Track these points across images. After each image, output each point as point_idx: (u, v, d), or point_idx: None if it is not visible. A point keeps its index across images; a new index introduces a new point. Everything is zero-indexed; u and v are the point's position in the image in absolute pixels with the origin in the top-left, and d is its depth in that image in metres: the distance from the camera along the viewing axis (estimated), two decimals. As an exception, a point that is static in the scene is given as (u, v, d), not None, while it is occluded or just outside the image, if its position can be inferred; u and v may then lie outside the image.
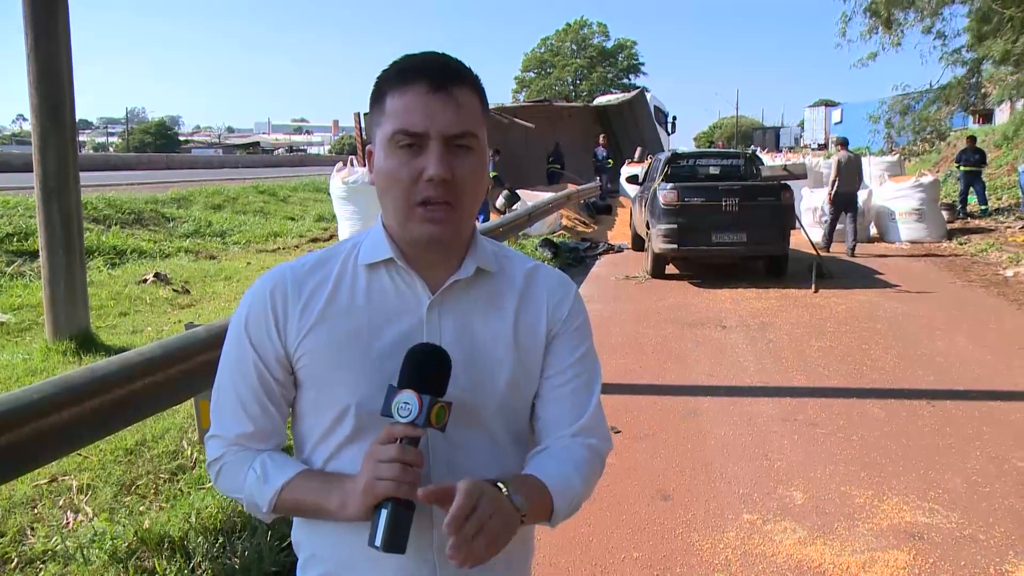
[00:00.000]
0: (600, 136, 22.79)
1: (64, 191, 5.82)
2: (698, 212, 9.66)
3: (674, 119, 34.38)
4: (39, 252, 6.04)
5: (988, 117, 33.69)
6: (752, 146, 46.45)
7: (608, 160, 21.63)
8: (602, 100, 31.33)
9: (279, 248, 12.64)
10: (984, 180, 16.62)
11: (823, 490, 3.81)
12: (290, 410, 1.21)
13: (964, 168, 16.08)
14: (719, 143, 55.10)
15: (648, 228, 10.38)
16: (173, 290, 8.52)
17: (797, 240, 10.57)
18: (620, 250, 13.18)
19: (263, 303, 1.15)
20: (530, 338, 1.20)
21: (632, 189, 13.86)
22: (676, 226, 9.64)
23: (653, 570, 3.12)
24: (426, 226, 1.10)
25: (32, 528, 3.19)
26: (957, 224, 14.76)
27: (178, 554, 2.94)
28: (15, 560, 2.93)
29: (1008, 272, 10.15)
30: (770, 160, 23.34)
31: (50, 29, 5.67)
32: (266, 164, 47.27)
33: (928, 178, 13.78)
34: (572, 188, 17.63)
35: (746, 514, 3.58)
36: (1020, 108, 22.94)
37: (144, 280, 8.80)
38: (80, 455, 3.79)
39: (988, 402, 5.10)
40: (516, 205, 13.27)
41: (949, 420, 4.77)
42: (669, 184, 10.08)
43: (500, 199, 13.10)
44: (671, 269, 10.48)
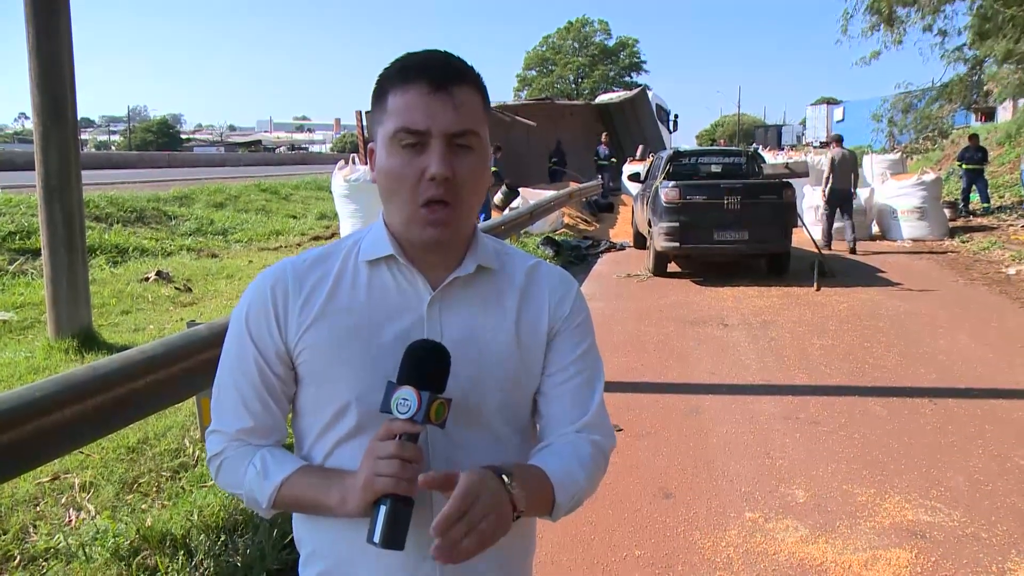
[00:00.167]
0: (602, 134, 22.77)
1: (66, 189, 5.82)
2: (700, 210, 9.66)
3: (676, 117, 34.34)
4: (41, 250, 6.04)
5: (990, 115, 33.64)
6: (754, 144, 46.43)
7: (611, 158, 21.62)
8: (604, 98, 31.30)
9: (281, 246, 12.63)
10: (986, 178, 16.60)
11: (825, 488, 3.81)
12: (291, 406, 1.21)
13: (967, 166, 16.06)
14: (721, 141, 55.07)
15: (650, 226, 10.38)
16: (175, 288, 8.53)
17: (799, 238, 10.56)
18: (622, 248, 13.18)
19: (264, 299, 1.16)
20: (531, 335, 1.20)
21: (634, 187, 13.86)
22: (678, 224, 9.64)
23: (655, 568, 3.12)
24: (428, 229, 1.10)
25: (34, 526, 3.19)
26: (959, 222, 14.74)
27: (180, 552, 2.95)
28: (18, 558, 2.94)
29: (1010, 270, 10.13)
30: (772, 158, 23.35)
31: (51, 27, 5.67)
32: (268, 162, 47.31)
33: (930, 176, 13.77)
34: (574, 186, 17.62)
35: (748, 512, 3.58)
36: (1023, 107, 22.91)
37: (146, 278, 8.80)
38: (82, 453, 3.80)
39: (990, 400, 5.09)
40: (516, 203, 13.19)
41: (951, 418, 4.77)
42: (671, 182, 10.08)
43: (498, 195, 13.07)
44: (673, 267, 10.48)
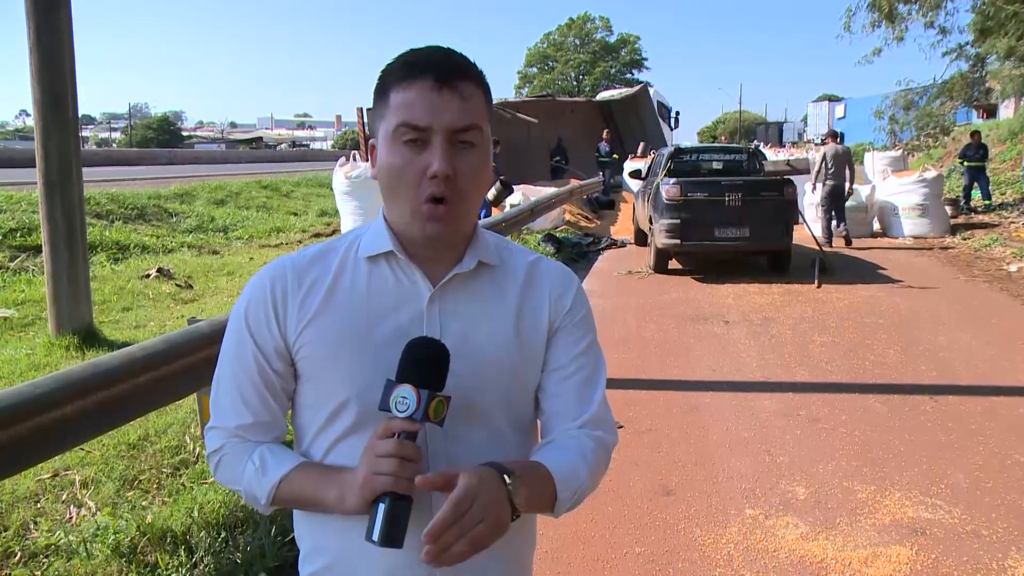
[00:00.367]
0: (603, 131, 22.73)
1: (67, 186, 5.82)
2: (701, 207, 9.65)
3: (677, 114, 34.29)
4: (42, 247, 6.04)
5: (992, 112, 33.62)
6: (755, 141, 46.39)
7: (612, 155, 21.58)
8: (605, 95, 31.27)
9: (282, 243, 12.63)
10: (988, 175, 16.58)
11: (825, 485, 3.81)
12: (290, 403, 1.21)
13: (968, 163, 16.04)
14: (723, 138, 55.03)
15: (651, 223, 10.37)
16: (176, 285, 8.53)
17: (800, 235, 10.55)
18: (623, 245, 13.17)
19: (263, 295, 1.15)
20: (532, 331, 1.19)
21: (635, 184, 13.84)
22: (679, 221, 9.63)
23: (655, 565, 3.12)
24: (430, 225, 1.10)
25: (35, 522, 3.19)
26: (960, 219, 14.72)
27: (180, 549, 2.95)
28: (18, 554, 2.94)
29: (1012, 267, 10.12)
30: (773, 155, 23.34)
31: (52, 23, 5.67)
32: (269, 159, 47.32)
33: (931, 173, 13.75)
34: (575, 183, 17.60)
35: (748, 509, 3.58)
36: None
37: (147, 275, 8.80)
38: (83, 450, 3.80)
39: (991, 397, 5.09)
40: (515, 199, 13.00)
41: (952, 415, 4.77)
42: (672, 179, 10.07)
43: (491, 191, 12.89)
44: (674, 264, 10.48)
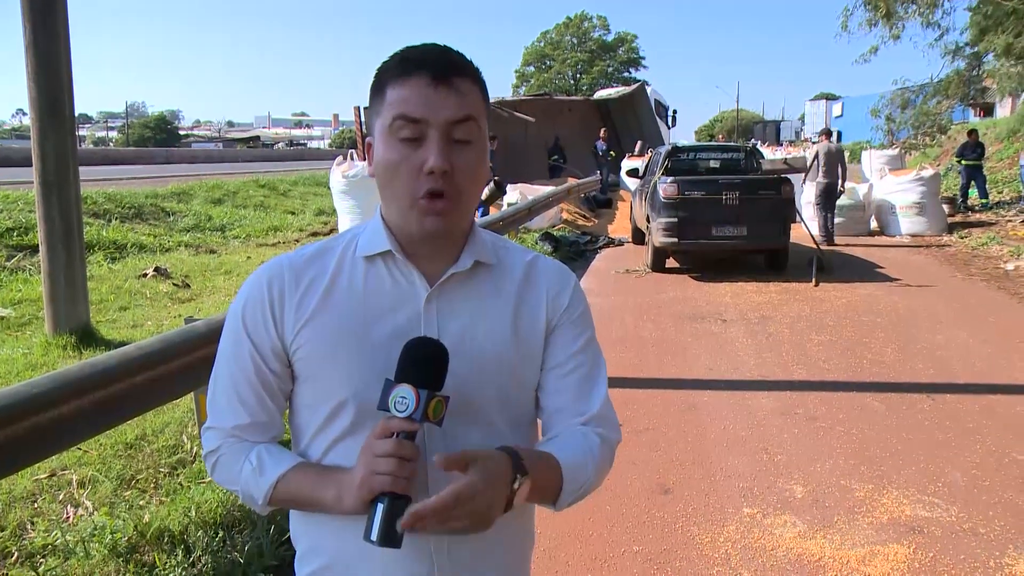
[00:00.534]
0: (601, 130, 22.73)
1: (63, 185, 5.81)
2: (698, 206, 9.65)
3: (675, 113, 34.28)
4: (39, 247, 6.03)
5: (989, 111, 33.68)
6: (752, 140, 46.45)
7: (610, 152, 21.57)
8: (602, 94, 31.26)
9: (279, 242, 12.62)
10: (985, 174, 16.60)
11: (823, 484, 3.81)
12: (287, 403, 1.20)
13: (965, 162, 16.06)
14: (720, 136, 55.08)
15: (648, 222, 10.38)
16: (173, 284, 8.52)
17: (797, 234, 10.56)
18: (620, 244, 13.17)
19: (260, 295, 1.14)
20: (530, 329, 1.19)
21: (632, 183, 13.84)
22: (676, 220, 9.63)
23: (653, 564, 3.12)
24: (426, 219, 1.09)
25: (32, 522, 3.19)
26: (958, 218, 14.76)
27: (178, 548, 2.95)
28: (15, 554, 2.93)
29: (1009, 266, 10.13)
30: (771, 154, 23.39)
31: (48, 22, 5.65)
32: (266, 158, 47.35)
33: (929, 172, 13.77)
34: (572, 182, 17.60)
35: (746, 508, 3.58)
36: (1023, 103, 22.89)
37: (144, 274, 8.79)
38: (80, 449, 3.79)
39: (988, 396, 5.10)
40: (508, 199, 12.93)
41: (949, 414, 4.77)
42: (669, 178, 10.06)
43: (485, 191, 12.84)
44: (671, 263, 10.48)
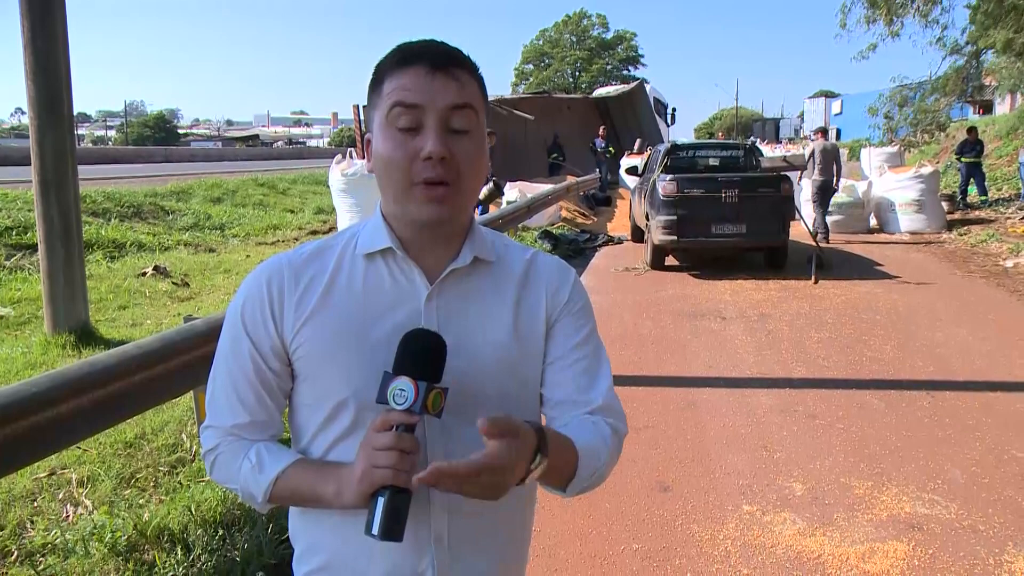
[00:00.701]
0: (600, 127, 22.73)
1: (62, 184, 5.81)
2: (698, 203, 9.65)
3: (674, 110, 34.32)
4: (38, 246, 6.03)
5: (988, 108, 33.69)
6: (752, 137, 46.48)
7: (609, 149, 21.54)
8: (601, 91, 31.27)
9: (278, 241, 12.63)
10: (984, 171, 16.60)
11: (822, 481, 3.82)
12: (287, 401, 1.20)
13: (965, 159, 16.06)
14: (720, 134, 55.09)
15: (648, 220, 10.37)
16: (172, 283, 8.52)
17: (796, 231, 10.56)
18: (620, 242, 13.17)
19: (259, 293, 1.14)
20: (530, 326, 1.19)
21: (632, 181, 13.84)
22: (676, 217, 9.63)
23: (652, 561, 3.12)
24: (425, 206, 1.08)
25: (32, 521, 3.19)
26: (957, 215, 14.75)
27: (178, 547, 2.95)
28: (15, 553, 2.94)
29: (1008, 263, 10.13)
30: (770, 151, 23.38)
31: (47, 21, 5.65)
32: (265, 157, 47.31)
33: (928, 169, 13.77)
34: (571, 180, 17.60)
35: (745, 505, 3.58)
36: (1022, 100, 22.89)
37: (143, 273, 8.79)
38: (79, 448, 3.79)
39: (988, 393, 5.10)
40: (508, 200, 12.90)
41: (948, 411, 4.77)
42: (669, 175, 10.05)
43: (483, 191, 12.82)
44: (671, 260, 10.48)
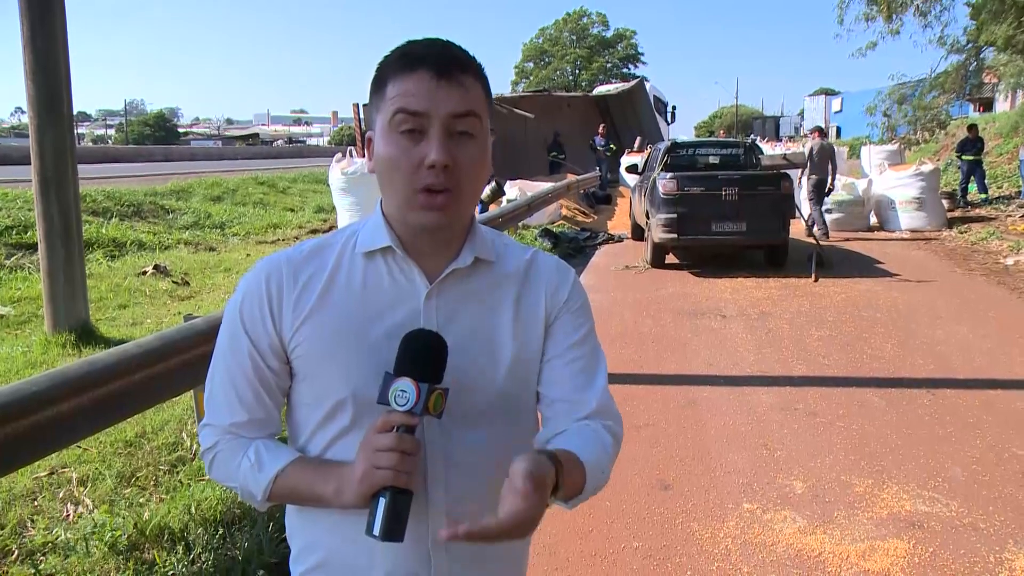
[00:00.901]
0: (600, 126, 22.72)
1: (62, 183, 5.81)
2: (698, 201, 9.64)
3: (674, 109, 34.30)
4: (38, 245, 6.03)
5: (989, 106, 33.66)
6: (752, 135, 46.46)
7: (610, 146, 21.52)
8: (601, 90, 31.26)
9: (278, 239, 12.63)
10: (984, 169, 16.58)
11: (823, 479, 3.82)
12: (284, 399, 1.20)
13: (965, 157, 16.04)
14: (721, 132, 55.05)
15: (648, 218, 10.37)
16: (173, 282, 8.52)
17: (797, 229, 10.56)
18: (620, 240, 13.16)
19: (258, 291, 1.13)
20: (529, 326, 1.19)
21: (632, 179, 13.84)
22: (676, 215, 9.63)
23: (653, 560, 3.12)
24: (426, 212, 1.08)
25: (32, 520, 3.19)
26: (957, 213, 14.74)
27: (178, 545, 2.95)
28: (15, 552, 2.94)
29: (1008, 260, 10.13)
30: (770, 149, 23.36)
31: (46, 21, 5.64)
32: (265, 155, 47.25)
33: (928, 167, 13.76)
34: (572, 178, 17.60)
35: (746, 503, 3.58)
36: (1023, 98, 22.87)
37: (143, 272, 8.79)
38: (80, 447, 3.79)
39: (988, 391, 5.10)
40: (508, 198, 12.92)
41: (949, 409, 4.77)
42: (669, 173, 10.05)
43: (486, 191, 12.81)
44: (671, 259, 10.48)
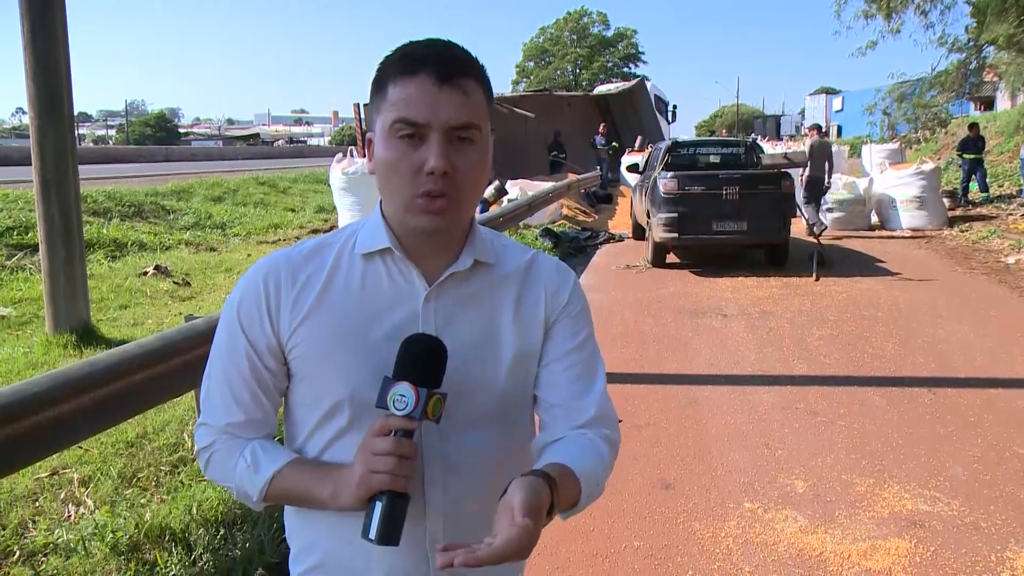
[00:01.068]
0: (600, 125, 22.71)
1: (63, 184, 5.81)
2: (698, 201, 9.64)
3: (674, 108, 34.28)
4: (39, 245, 6.03)
5: (990, 104, 33.62)
6: (752, 134, 46.43)
7: (612, 144, 21.48)
8: (602, 89, 31.23)
9: (279, 240, 12.63)
10: (985, 167, 16.57)
11: (824, 478, 3.81)
12: (281, 400, 1.19)
13: (966, 155, 16.03)
14: (723, 132, 55.00)
15: (649, 217, 10.37)
16: (174, 282, 8.52)
17: (797, 228, 10.55)
18: (621, 239, 13.16)
19: (256, 291, 1.13)
20: (529, 327, 1.18)
21: (633, 178, 13.84)
22: (677, 215, 9.63)
23: (654, 559, 3.12)
24: (425, 217, 1.08)
25: (33, 521, 3.19)
26: (958, 212, 14.73)
27: (179, 546, 2.95)
28: (17, 553, 2.94)
29: (1009, 259, 10.12)
30: (771, 148, 23.36)
31: (47, 21, 5.64)
32: (266, 156, 47.28)
33: (929, 166, 13.76)
34: (572, 178, 17.60)
35: (747, 503, 3.58)
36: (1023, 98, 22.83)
37: (144, 273, 8.79)
38: (81, 448, 3.79)
39: (989, 390, 5.09)
40: (509, 198, 12.97)
41: (950, 408, 4.77)
42: (669, 173, 10.06)
43: (489, 190, 12.83)
44: (672, 258, 10.47)
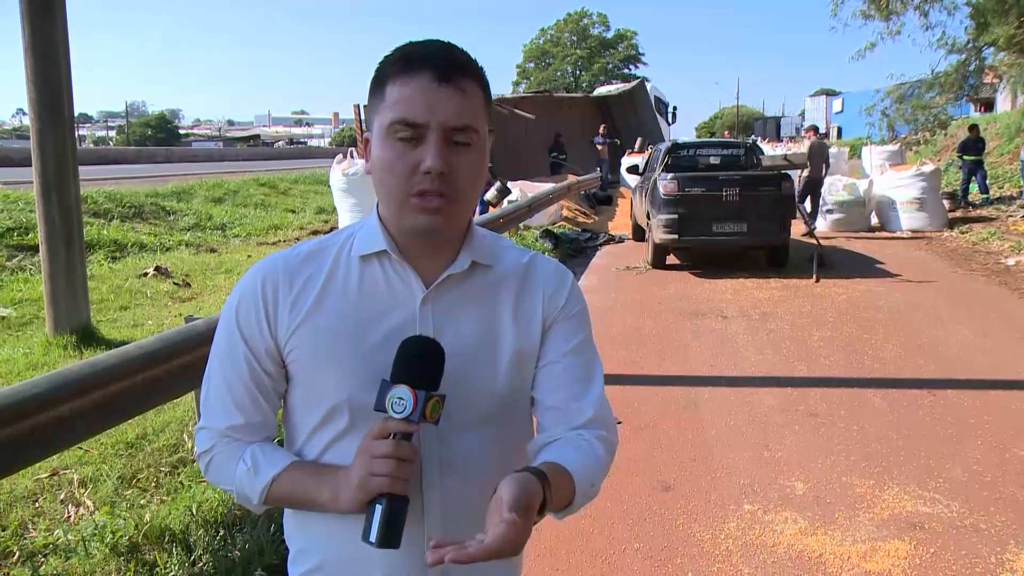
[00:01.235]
0: (600, 126, 22.73)
1: (63, 185, 5.81)
2: (699, 202, 9.65)
3: (675, 109, 34.36)
4: (39, 246, 6.03)
5: (990, 106, 33.63)
6: (753, 136, 46.47)
7: (615, 140, 21.47)
8: (602, 90, 31.31)
9: (280, 241, 12.62)
10: (986, 169, 16.57)
11: (824, 480, 3.81)
12: (281, 402, 1.20)
13: (966, 157, 16.03)
14: (726, 133, 55.01)
15: (649, 218, 10.37)
16: (174, 283, 8.52)
17: (798, 230, 10.55)
18: (621, 241, 13.17)
19: (254, 294, 1.13)
20: (526, 331, 1.18)
21: (633, 180, 13.85)
22: (677, 216, 9.63)
23: (654, 561, 3.12)
24: (421, 216, 1.08)
25: (33, 522, 3.19)
26: (958, 213, 14.72)
27: (179, 547, 2.95)
28: (16, 554, 2.94)
29: (1009, 261, 10.12)
30: (771, 150, 23.37)
31: (47, 23, 5.64)
32: (266, 157, 47.27)
33: (929, 167, 13.76)
34: (572, 179, 17.61)
35: (747, 504, 3.58)
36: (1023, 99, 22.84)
37: (145, 274, 8.79)
38: (81, 449, 3.79)
39: (989, 391, 5.10)
40: (509, 199, 13.01)
41: (950, 409, 4.77)
42: (669, 174, 10.06)
43: (491, 191, 12.85)
44: (672, 259, 10.48)
